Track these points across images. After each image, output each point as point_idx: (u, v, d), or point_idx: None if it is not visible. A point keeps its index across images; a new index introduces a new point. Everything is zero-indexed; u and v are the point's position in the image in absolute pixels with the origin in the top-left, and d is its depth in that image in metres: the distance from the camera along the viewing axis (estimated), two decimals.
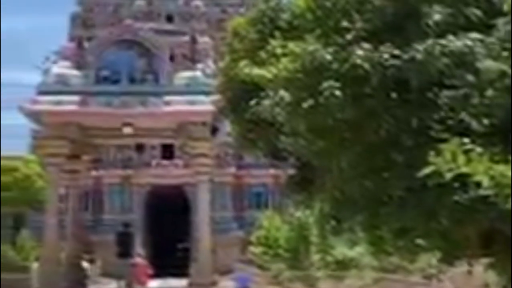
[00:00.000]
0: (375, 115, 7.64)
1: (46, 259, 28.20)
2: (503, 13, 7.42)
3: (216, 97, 11.84)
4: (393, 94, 7.61)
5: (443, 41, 7.29)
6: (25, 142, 40.82)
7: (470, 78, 7.19)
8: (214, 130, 28.56)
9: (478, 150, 6.62)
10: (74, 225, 31.85)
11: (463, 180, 6.66)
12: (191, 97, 28.39)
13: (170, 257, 36.38)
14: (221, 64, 10.69)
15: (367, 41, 7.65)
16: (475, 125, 7.10)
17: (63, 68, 29.14)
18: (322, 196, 9.33)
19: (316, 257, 27.67)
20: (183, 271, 31.19)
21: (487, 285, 11.50)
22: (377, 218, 8.06)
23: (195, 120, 28.34)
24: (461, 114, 7.18)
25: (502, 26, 7.29)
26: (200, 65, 29.78)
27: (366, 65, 7.47)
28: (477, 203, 6.86)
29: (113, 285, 31.67)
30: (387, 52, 7.49)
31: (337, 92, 7.50)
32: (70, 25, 40.24)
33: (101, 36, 30.66)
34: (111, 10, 41.64)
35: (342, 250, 26.89)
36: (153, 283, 32.22)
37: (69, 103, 28.15)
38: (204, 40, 32.43)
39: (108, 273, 34.10)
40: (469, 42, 7.26)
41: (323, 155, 8.38)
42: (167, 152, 40.42)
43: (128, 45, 29.39)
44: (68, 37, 37.79)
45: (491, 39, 7.27)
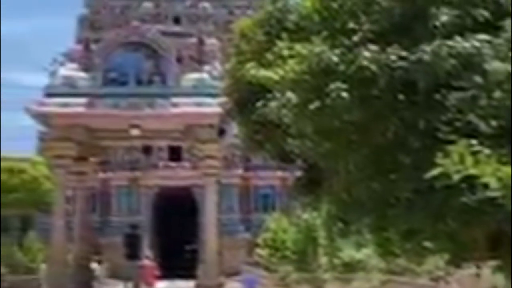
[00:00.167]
0: (382, 117, 7.62)
1: (54, 261, 28.24)
2: (510, 14, 7.39)
3: (223, 99, 11.81)
4: (401, 96, 7.59)
5: (450, 42, 7.27)
6: (33, 144, 40.94)
7: (478, 79, 7.16)
8: (221, 132, 28.54)
9: (486, 151, 6.61)
10: (82, 227, 31.87)
11: (471, 182, 6.65)
12: (198, 99, 28.41)
13: (177, 258, 36.39)
14: (228, 66, 10.69)
15: (374, 42, 7.63)
16: (482, 126, 7.07)
17: (71, 70, 29.19)
18: (330, 198, 9.31)
19: (323, 259, 27.63)
20: (191, 272, 31.17)
21: None
22: (385, 220, 8.04)
23: (202, 122, 28.35)
24: (469, 116, 7.15)
25: (510, 27, 7.27)
26: (207, 67, 29.77)
27: (373, 67, 7.45)
28: (484, 205, 6.84)
29: (120, 287, 31.69)
30: (394, 54, 7.48)
31: (344, 94, 7.49)
32: (77, 27, 40.40)
33: (109, 38, 30.70)
34: (119, 12, 41.73)
35: (350, 252, 26.85)
36: (160, 284, 32.28)
37: (76, 105, 28.20)
38: (211, 42, 32.42)
39: (115, 275, 34.13)
40: (476, 44, 7.23)
41: (330, 157, 8.36)
42: (174, 154, 40.42)
43: (136, 47, 29.43)
44: (76, 39, 37.90)
45: (499, 41, 7.25)
